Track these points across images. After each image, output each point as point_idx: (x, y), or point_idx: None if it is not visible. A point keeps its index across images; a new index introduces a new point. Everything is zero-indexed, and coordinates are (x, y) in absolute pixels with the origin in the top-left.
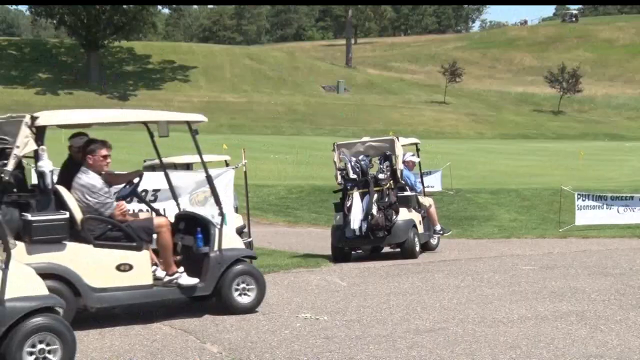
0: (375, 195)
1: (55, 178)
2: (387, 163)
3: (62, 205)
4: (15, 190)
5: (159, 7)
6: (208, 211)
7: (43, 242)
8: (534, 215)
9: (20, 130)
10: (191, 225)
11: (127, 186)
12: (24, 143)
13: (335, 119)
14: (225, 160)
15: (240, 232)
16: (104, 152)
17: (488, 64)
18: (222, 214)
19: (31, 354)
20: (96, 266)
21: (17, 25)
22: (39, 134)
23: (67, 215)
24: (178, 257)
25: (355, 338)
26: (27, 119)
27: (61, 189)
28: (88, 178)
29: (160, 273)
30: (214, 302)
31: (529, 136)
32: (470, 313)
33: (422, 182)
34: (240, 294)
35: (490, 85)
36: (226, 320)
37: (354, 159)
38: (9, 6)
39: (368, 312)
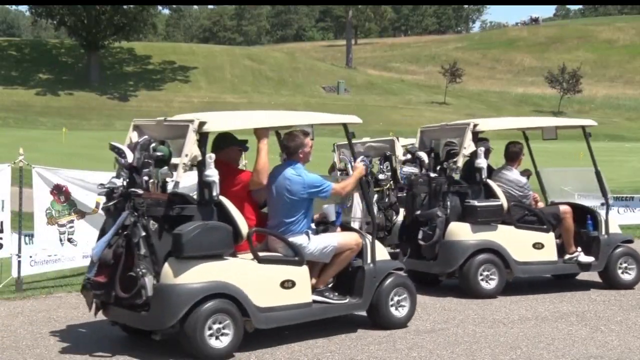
0: (376, 196)
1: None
2: (387, 163)
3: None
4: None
5: (159, 7)
6: None
7: (484, 223)
8: None
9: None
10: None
11: None
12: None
13: None
14: None
15: None
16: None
17: (488, 64)
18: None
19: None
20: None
21: (18, 25)
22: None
23: (500, 202)
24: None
25: (355, 338)
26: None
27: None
28: (512, 174)
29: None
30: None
31: (529, 136)
32: (471, 314)
33: None
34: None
35: (490, 85)
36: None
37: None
38: (9, 7)
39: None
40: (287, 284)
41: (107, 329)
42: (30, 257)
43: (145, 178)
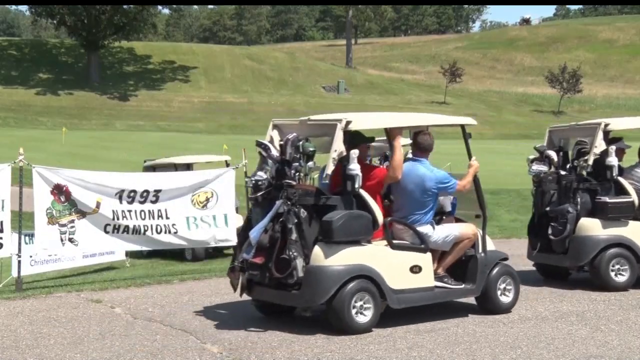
0: None
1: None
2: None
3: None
4: None
5: (159, 7)
6: (209, 212)
7: (614, 219)
8: None
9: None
10: None
11: None
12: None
13: None
14: (226, 161)
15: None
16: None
17: (488, 64)
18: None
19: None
20: None
21: (18, 25)
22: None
23: (631, 199)
24: None
25: (355, 338)
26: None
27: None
28: None
29: None
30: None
31: (530, 136)
32: (471, 313)
33: None
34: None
35: (490, 85)
36: (226, 320)
37: None
38: (9, 6)
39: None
40: (415, 269)
41: (107, 326)
42: (31, 256)
43: (293, 171)
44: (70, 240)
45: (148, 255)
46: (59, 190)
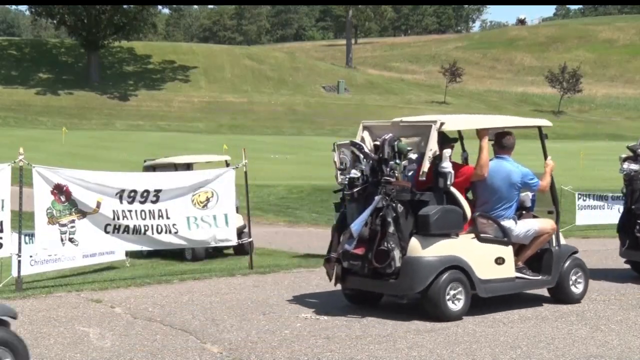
0: None
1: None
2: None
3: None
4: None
5: (159, 7)
6: (210, 212)
7: None
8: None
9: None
10: None
11: None
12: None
13: (335, 119)
14: (226, 161)
15: (240, 232)
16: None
17: (488, 64)
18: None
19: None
20: None
21: (18, 25)
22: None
23: None
24: None
25: (355, 338)
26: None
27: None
28: None
29: None
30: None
31: (529, 136)
32: (471, 313)
33: None
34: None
35: (490, 85)
36: (226, 320)
37: None
38: (9, 6)
39: (368, 312)
40: (499, 261)
41: (107, 326)
42: (30, 256)
43: (389, 169)
44: (71, 240)
45: (148, 255)
46: (59, 190)
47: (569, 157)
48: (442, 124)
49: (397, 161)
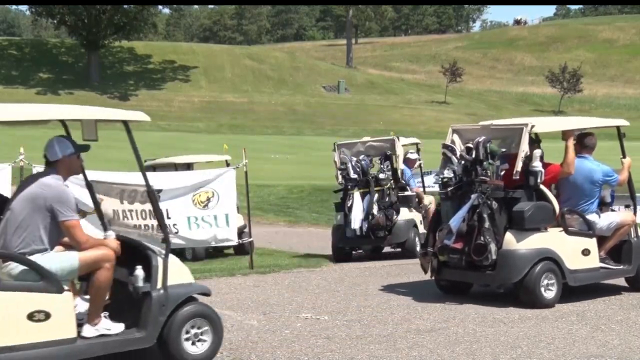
0: (376, 195)
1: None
2: (387, 163)
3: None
4: None
5: (160, 7)
6: (210, 212)
7: None
8: None
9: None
10: None
11: None
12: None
13: (335, 119)
14: (226, 160)
15: (241, 232)
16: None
17: (488, 64)
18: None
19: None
20: None
21: (18, 25)
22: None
23: None
24: None
25: (356, 338)
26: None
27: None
28: None
29: None
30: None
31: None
32: (471, 313)
33: (422, 181)
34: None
35: (490, 85)
36: (226, 320)
37: (354, 158)
38: (10, 6)
39: (369, 312)
40: (585, 252)
41: None
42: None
43: (483, 169)
44: None
45: None
46: None
47: None
48: (532, 126)
49: (491, 161)
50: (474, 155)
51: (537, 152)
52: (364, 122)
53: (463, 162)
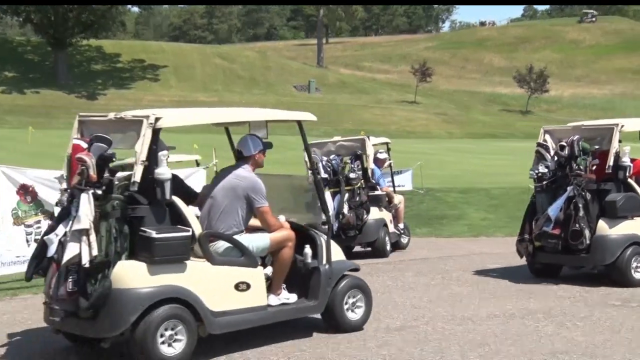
0: (347, 195)
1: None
2: (358, 162)
3: None
4: None
5: (128, 5)
6: None
7: None
8: (503, 213)
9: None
10: None
11: None
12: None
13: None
14: (196, 160)
15: None
16: None
17: (458, 64)
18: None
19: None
20: None
21: None
22: None
23: None
24: None
25: (326, 337)
26: (619, 127)
27: None
28: None
29: None
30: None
31: (498, 136)
32: (440, 311)
33: (392, 181)
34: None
35: (460, 85)
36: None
37: (325, 158)
38: None
39: None
40: None
41: None
42: None
43: (576, 165)
44: (36, 241)
45: None
46: (24, 191)
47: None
48: (622, 126)
49: (584, 157)
50: (567, 152)
51: (627, 149)
52: (335, 122)
53: (557, 158)
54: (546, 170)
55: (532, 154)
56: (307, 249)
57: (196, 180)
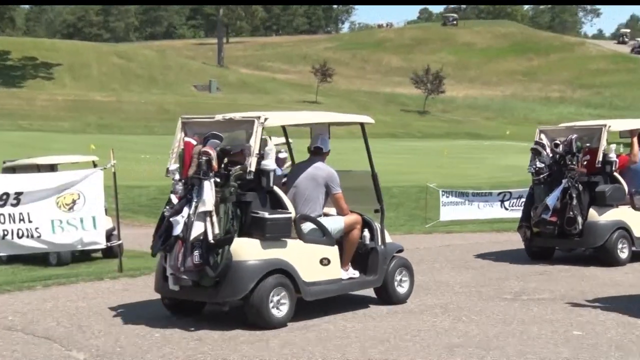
0: None
1: None
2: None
3: None
4: None
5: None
6: (76, 215)
7: None
8: (402, 212)
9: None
10: None
11: None
12: None
13: None
14: (93, 161)
15: (109, 234)
16: None
17: (358, 64)
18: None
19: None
20: None
21: None
22: None
23: None
24: None
25: (228, 339)
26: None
27: None
28: None
29: None
30: None
31: (397, 135)
32: (342, 310)
33: None
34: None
35: (360, 85)
36: (94, 326)
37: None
38: None
39: (240, 312)
40: None
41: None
42: None
43: (570, 160)
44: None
45: (8, 260)
46: None
47: (433, 155)
48: (609, 126)
49: (577, 154)
50: (561, 149)
51: (613, 146)
52: None
53: (552, 155)
54: (543, 165)
55: (430, 153)
56: (366, 232)
57: (93, 182)
